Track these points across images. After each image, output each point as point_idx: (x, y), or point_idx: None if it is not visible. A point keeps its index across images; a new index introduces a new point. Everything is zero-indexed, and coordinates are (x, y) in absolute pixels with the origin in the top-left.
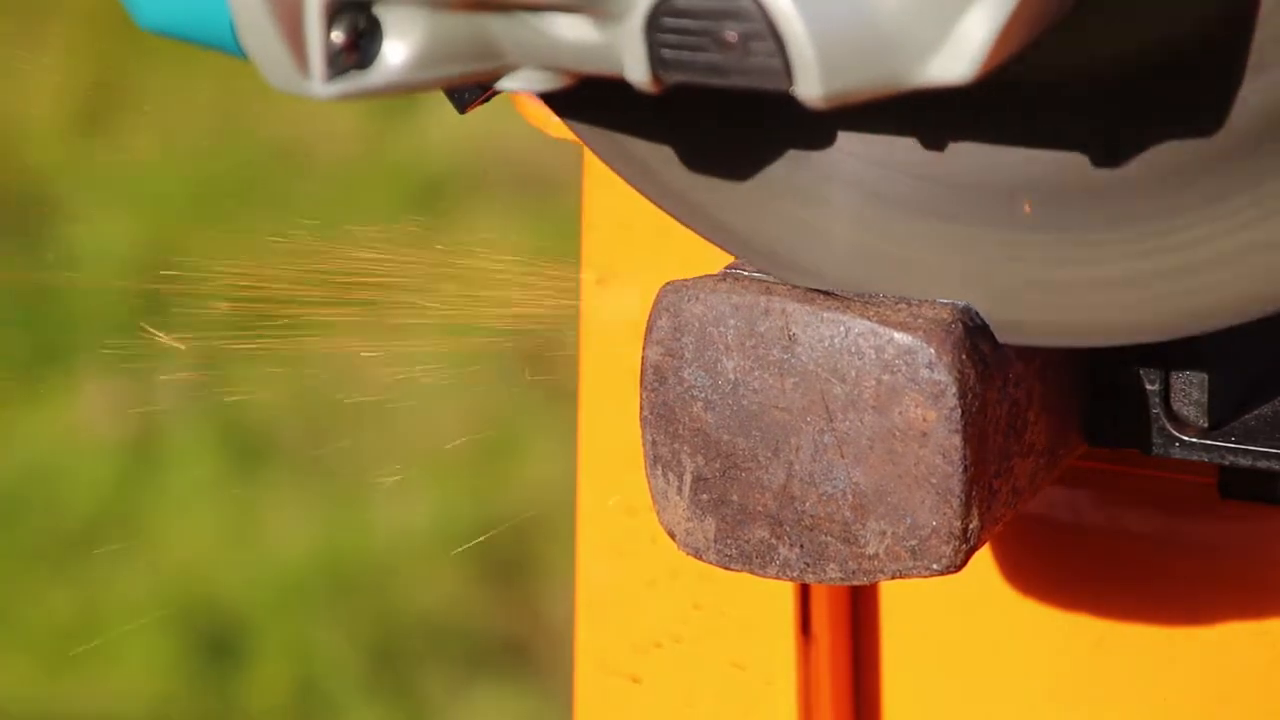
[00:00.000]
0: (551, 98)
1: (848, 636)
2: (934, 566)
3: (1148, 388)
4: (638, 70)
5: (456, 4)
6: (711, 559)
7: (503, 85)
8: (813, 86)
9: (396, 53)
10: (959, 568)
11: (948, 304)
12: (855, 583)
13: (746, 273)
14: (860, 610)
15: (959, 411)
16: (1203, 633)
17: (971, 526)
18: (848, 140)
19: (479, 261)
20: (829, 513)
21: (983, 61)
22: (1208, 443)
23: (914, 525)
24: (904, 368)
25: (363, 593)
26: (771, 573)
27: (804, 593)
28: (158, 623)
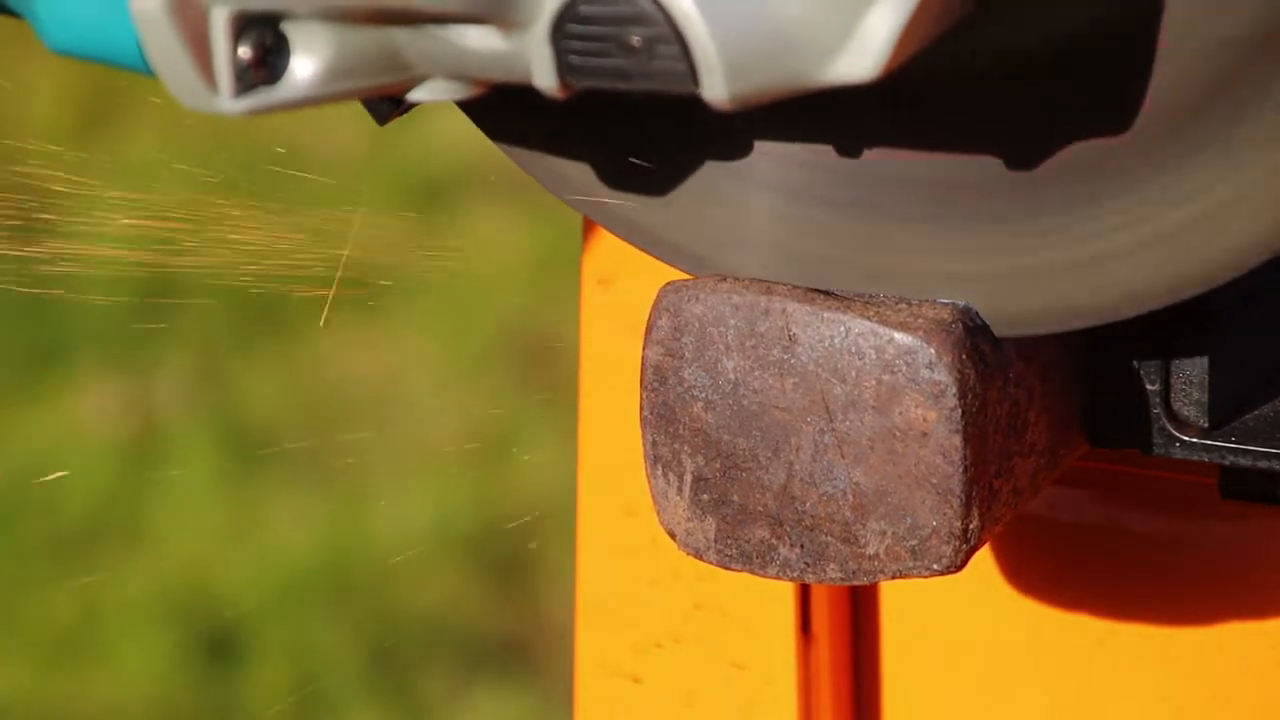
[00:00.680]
0: (471, 108)
1: (848, 637)
2: (934, 566)
3: (1148, 388)
4: (545, 77)
5: (363, 17)
6: (712, 559)
7: (414, 96)
8: (718, 88)
9: (305, 67)
10: (959, 568)
11: (948, 304)
12: (855, 583)
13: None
14: (860, 610)
15: (959, 411)
16: (1203, 633)
17: (972, 526)
18: (767, 142)
19: (480, 261)
20: (829, 513)
21: (886, 59)
22: (1208, 443)
23: (914, 525)
24: (904, 368)
25: (363, 593)
26: (772, 573)
27: (804, 593)
28: (158, 623)
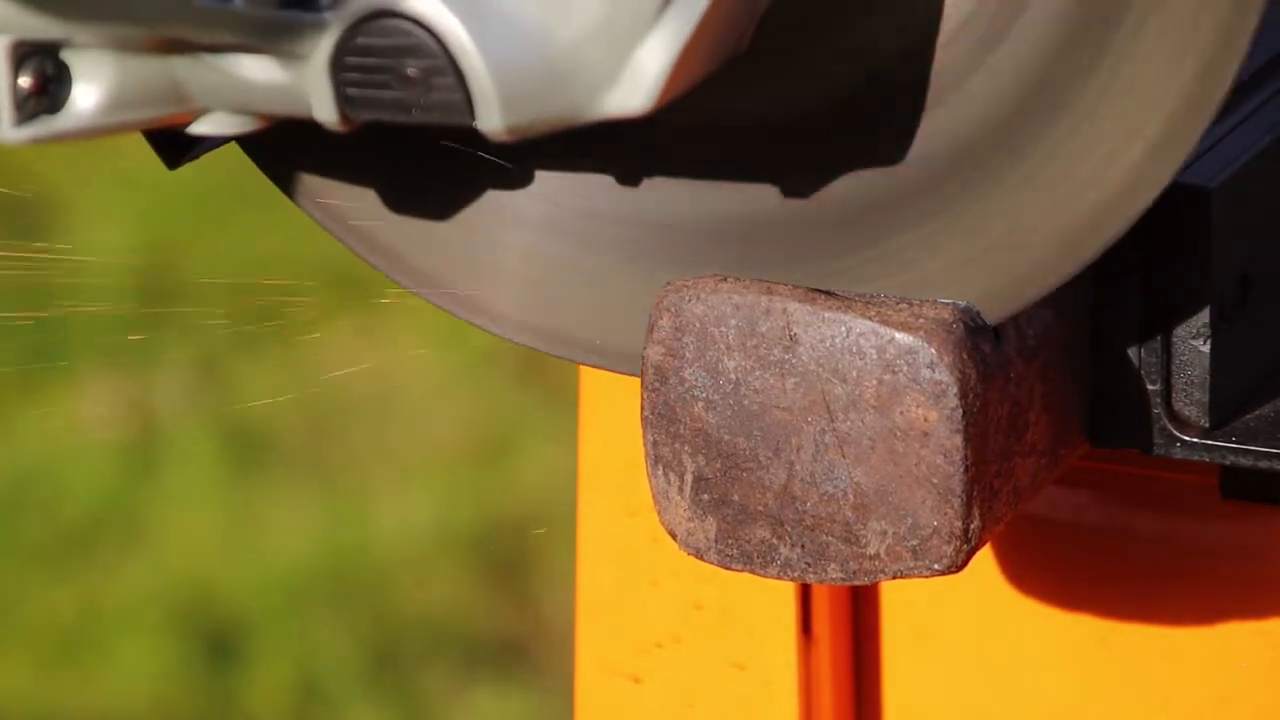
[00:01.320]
0: (248, 143)
1: (849, 636)
2: (935, 566)
3: (1149, 387)
4: (325, 110)
5: (143, 48)
6: (712, 559)
7: (195, 129)
8: (494, 120)
9: (87, 97)
10: (960, 568)
11: (949, 304)
12: (856, 583)
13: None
14: (861, 610)
15: (960, 411)
16: (1204, 632)
17: (973, 526)
18: (540, 182)
19: None
20: (830, 513)
21: (658, 94)
22: (1209, 443)
23: (915, 525)
24: (905, 368)
25: (363, 593)
26: (772, 573)
27: (805, 593)
28: (158, 623)
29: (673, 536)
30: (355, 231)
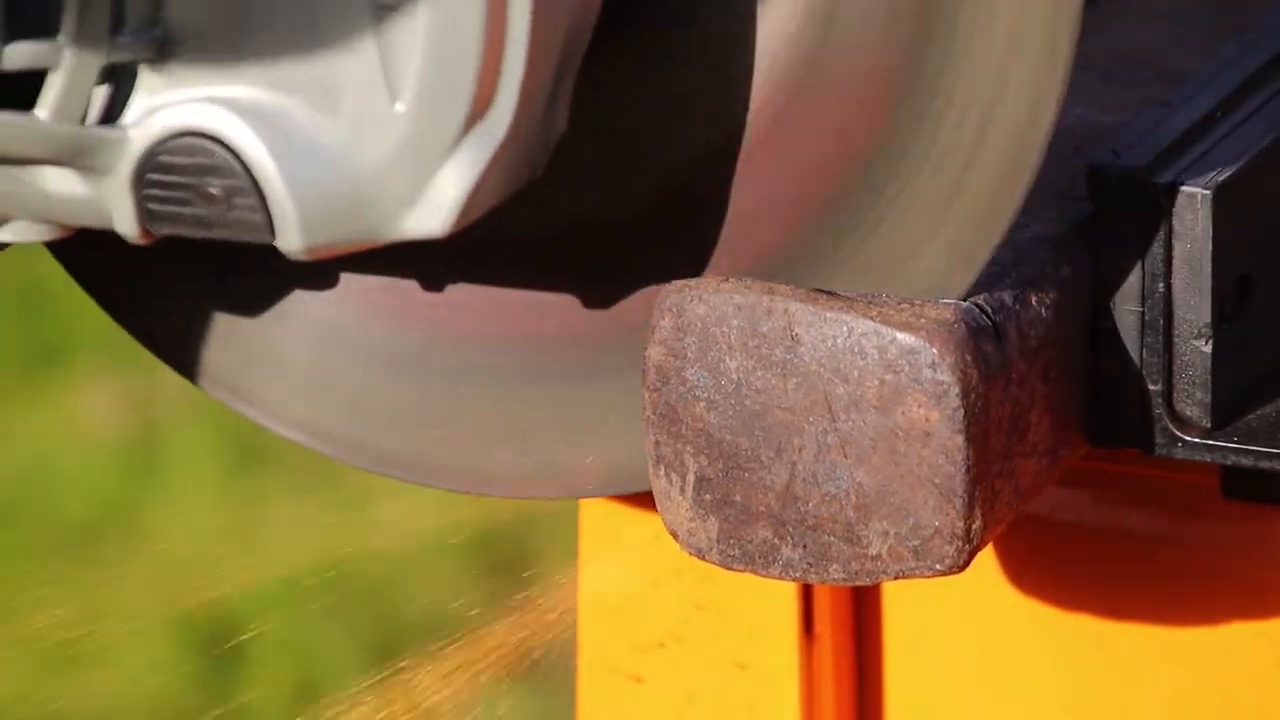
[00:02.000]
0: (57, 249)
1: (850, 637)
2: (937, 567)
3: (1150, 388)
4: (126, 223)
5: None
6: (714, 559)
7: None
8: (293, 240)
9: None
10: (962, 568)
11: (951, 304)
12: (858, 583)
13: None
14: (863, 610)
15: (962, 412)
16: (1205, 633)
17: (974, 527)
18: (346, 291)
19: None
20: (832, 513)
21: (455, 217)
22: (1210, 443)
23: (917, 525)
24: (907, 368)
25: (363, 593)
26: (774, 573)
27: (807, 593)
28: (158, 623)
29: (674, 536)
30: (159, 342)
